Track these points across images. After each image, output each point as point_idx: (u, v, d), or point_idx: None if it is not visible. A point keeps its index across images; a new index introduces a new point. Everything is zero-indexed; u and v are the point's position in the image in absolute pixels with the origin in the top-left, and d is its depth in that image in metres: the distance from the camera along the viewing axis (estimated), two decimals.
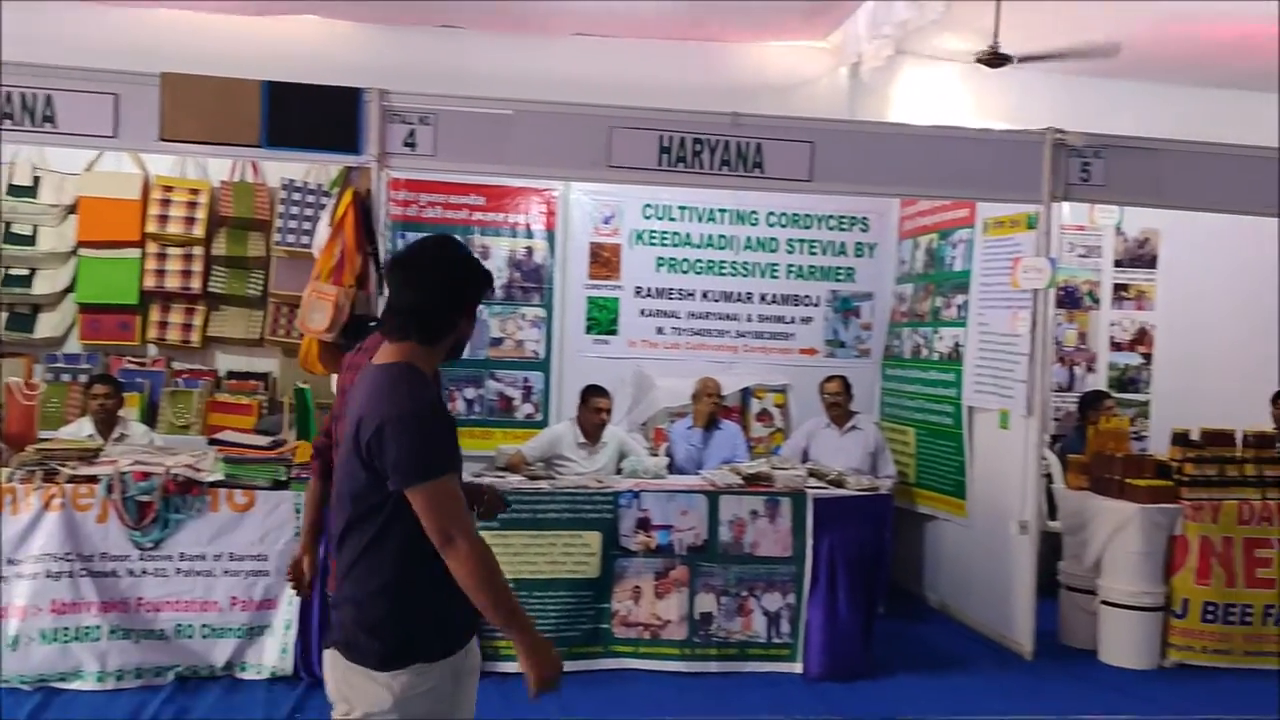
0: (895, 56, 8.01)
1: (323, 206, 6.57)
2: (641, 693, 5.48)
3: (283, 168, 7.11)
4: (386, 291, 2.80)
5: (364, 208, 5.49)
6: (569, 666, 5.29)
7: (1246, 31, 7.40)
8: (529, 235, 7.53)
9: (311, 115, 5.39)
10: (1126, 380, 8.38)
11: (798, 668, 5.78)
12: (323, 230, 5.77)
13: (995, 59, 7.22)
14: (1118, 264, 8.37)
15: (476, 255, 7.34)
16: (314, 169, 7.11)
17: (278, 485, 5.40)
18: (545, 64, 7.72)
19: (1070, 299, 8.29)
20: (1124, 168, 6.15)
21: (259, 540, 5.34)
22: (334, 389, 5.75)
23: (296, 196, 7.13)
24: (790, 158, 5.86)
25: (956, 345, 7.03)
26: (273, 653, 5.35)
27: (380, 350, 2.73)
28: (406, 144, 5.51)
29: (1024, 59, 7.30)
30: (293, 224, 7.08)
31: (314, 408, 6.58)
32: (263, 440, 5.72)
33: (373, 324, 5.36)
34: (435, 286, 2.67)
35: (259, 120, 5.30)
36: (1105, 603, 6.21)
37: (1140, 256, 8.38)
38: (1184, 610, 6.08)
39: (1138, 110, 7.82)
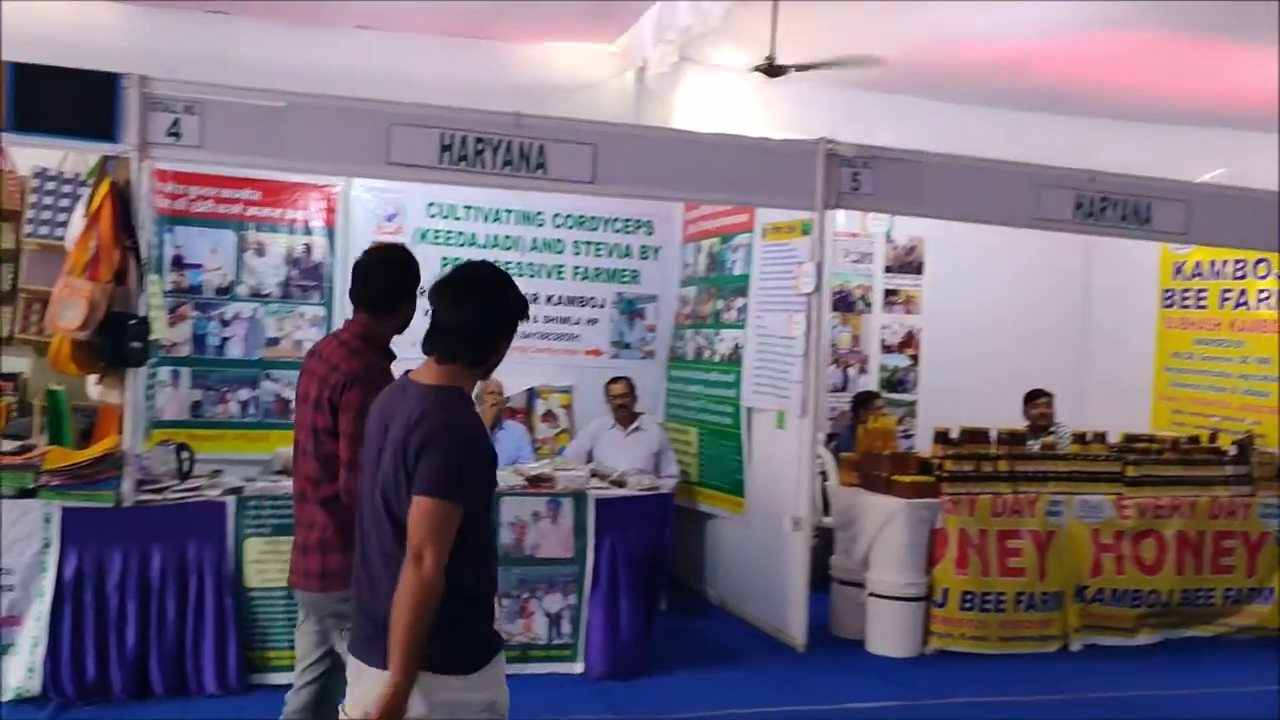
0: (680, 63, 8.15)
1: (79, 197, 6.18)
2: None
3: (35, 155, 6.64)
4: (431, 311, 2.82)
5: (123, 199, 5.18)
6: None
7: (1004, 53, 7.87)
8: (308, 232, 7.29)
9: (62, 100, 5.04)
10: (896, 381, 8.78)
11: (579, 668, 5.79)
12: (77, 222, 5.43)
13: (772, 69, 7.45)
14: (888, 270, 8.76)
15: (251, 250, 7.14)
16: (70, 157, 6.67)
17: (24, 493, 5.03)
18: (324, 56, 7.49)
19: (845, 303, 8.62)
20: (891, 178, 6.41)
21: (3, 552, 4.96)
22: (87, 393, 5.50)
23: (50, 185, 6.67)
24: (573, 159, 5.85)
25: (736, 347, 7.20)
26: (18, 672, 4.98)
27: (424, 369, 2.82)
28: (170, 134, 5.22)
29: (798, 68, 7.53)
30: (45, 214, 6.62)
31: (68, 411, 6.21)
32: (8, 445, 5.34)
33: (132, 321, 5.11)
34: (486, 310, 2.79)
35: (2, 103, 4.93)
36: (873, 594, 6.47)
37: (909, 263, 8.79)
38: (944, 599, 6.40)
39: (907, 123, 8.16)
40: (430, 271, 3.41)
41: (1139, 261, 8.38)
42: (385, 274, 3.57)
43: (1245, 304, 7.81)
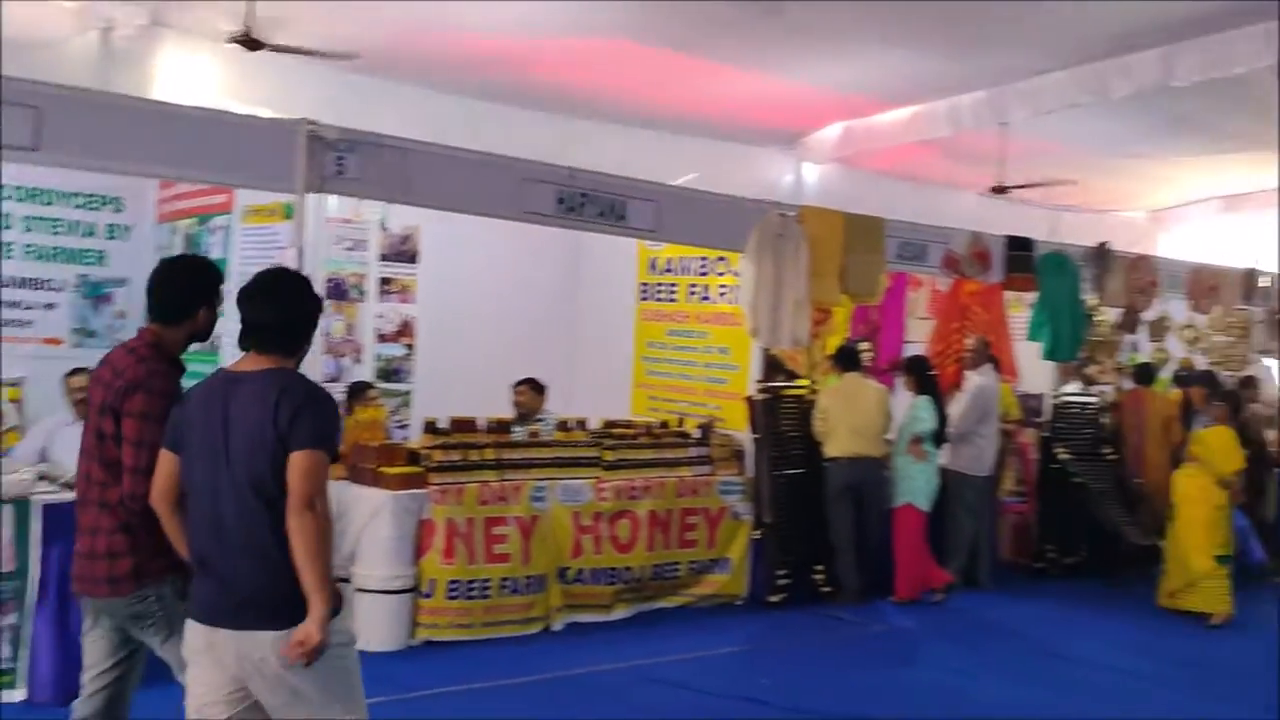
0: (152, 27, 7.50)
1: None
2: None
3: None
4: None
5: None
6: None
7: (493, 47, 8.01)
8: None
9: None
10: (391, 370, 8.68)
11: (20, 694, 5.14)
12: None
13: (250, 42, 7.05)
14: (383, 258, 8.63)
15: None
16: None
17: None
18: None
19: (338, 291, 8.38)
20: (377, 164, 6.24)
21: None
22: None
23: None
24: (9, 122, 5.15)
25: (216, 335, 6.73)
26: None
27: (246, 361, 3.20)
28: None
29: (273, 48, 7.20)
30: None
31: None
32: None
33: None
34: (293, 306, 3.25)
35: None
36: (360, 589, 6.32)
37: (404, 251, 8.71)
38: (431, 590, 6.38)
39: (397, 110, 8.10)
40: None
41: (620, 256, 8.87)
42: (173, 284, 3.64)
43: (709, 298, 8.50)
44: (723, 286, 8.35)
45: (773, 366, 8.24)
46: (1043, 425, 9.65)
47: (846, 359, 8.17)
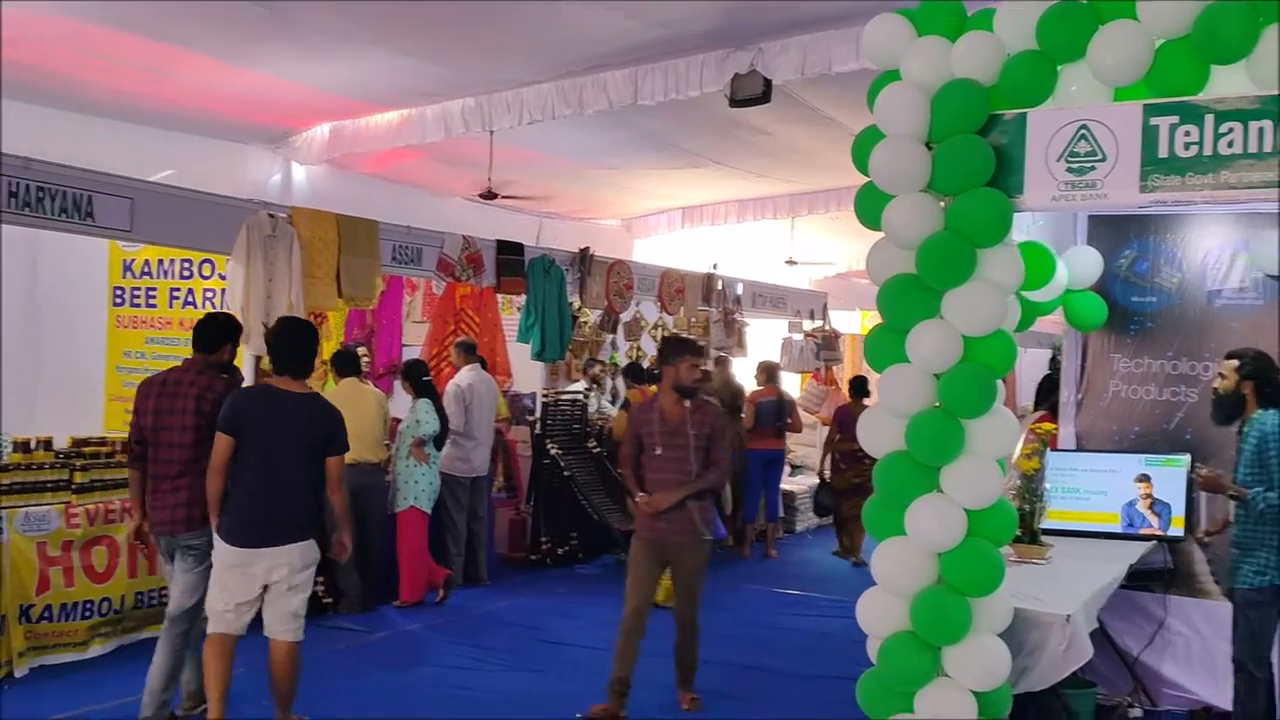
0: None
1: None
2: None
3: None
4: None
5: None
6: None
7: None
8: None
9: None
10: None
11: None
12: None
13: None
14: None
15: None
16: None
17: None
18: None
19: None
20: None
21: None
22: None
23: None
24: None
25: None
26: None
27: (283, 382, 5.13)
28: None
29: None
30: None
31: None
32: None
33: None
34: (311, 345, 5.34)
35: None
36: None
37: None
38: None
39: None
40: None
41: (87, 257, 8.09)
42: (217, 329, 5.56)
43: (194, 303, 7.99)
44: (209, 290, 7.88)
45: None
46: (534, 423, 10.08)
47: (344, 364, 8.03)
